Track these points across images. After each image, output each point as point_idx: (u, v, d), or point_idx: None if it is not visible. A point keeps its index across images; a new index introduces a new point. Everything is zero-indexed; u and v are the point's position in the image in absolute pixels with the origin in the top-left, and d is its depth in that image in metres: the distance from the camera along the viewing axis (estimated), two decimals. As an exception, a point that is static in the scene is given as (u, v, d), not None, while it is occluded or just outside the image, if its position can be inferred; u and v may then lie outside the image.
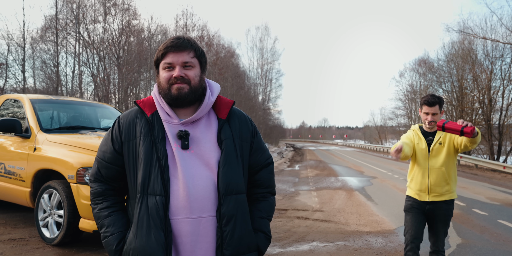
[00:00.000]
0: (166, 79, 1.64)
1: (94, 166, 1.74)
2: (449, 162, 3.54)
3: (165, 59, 1.64)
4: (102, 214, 1.68)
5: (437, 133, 3.55)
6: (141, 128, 1.64)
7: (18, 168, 5.22)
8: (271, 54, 51.36)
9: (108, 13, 22.49)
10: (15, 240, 4.81)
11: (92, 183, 1.73)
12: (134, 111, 1.71)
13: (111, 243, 1.64)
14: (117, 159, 1.67)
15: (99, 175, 1.71)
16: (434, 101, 3.43)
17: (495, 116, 28.33)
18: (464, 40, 30.08)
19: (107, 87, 21.61)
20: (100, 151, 1.72)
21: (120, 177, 1.70)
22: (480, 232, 6.44)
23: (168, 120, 1.65)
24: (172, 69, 1.64)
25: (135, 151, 1.63)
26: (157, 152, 1.59)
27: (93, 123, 6.23)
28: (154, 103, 1.69)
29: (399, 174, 16.46)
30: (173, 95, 1.63)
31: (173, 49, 1.63)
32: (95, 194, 1.71)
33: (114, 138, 1.68)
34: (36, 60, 22.76)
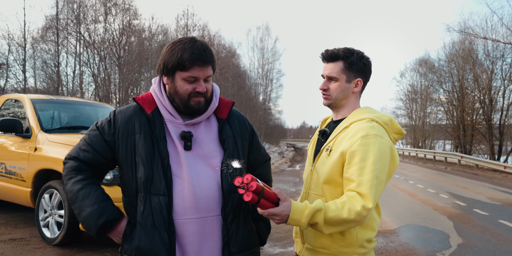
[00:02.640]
0: (188, 92, 1.60)
1: (76, 146, 1.68)
2: (336, 187, 1.75)
3: (190, 72, 1.57)
4: (75, 187, 1.60)
5: (338, 127, 1.85)
6: (140, 125, 1.61)
7: (18, 168, 5.23)
8: (272, 54, 51.37)
9: (108, 13, 22.51)
10: (16, 240, 4.82)
11: (67, 160, 1.68)
12: (132, 107, 1.68)
13: (91, 217, 1.56)
14: (105, 150, 1.64)
15: (78, 155, 1.65)
16: (333, 53, 1.83)
17: (495, 116, 28.35)
18: (465, 40, 30.11)
19: (108, 87, 21.62)
20: (90, 135, 1.67)
21: (99, 165, 1.66)
22: (480, 232, 6.43)
23: (172, 120, 1.64)
24: (194, 82, 1.60)
25: (133, 147, 1.60)
26: (159, 151, 1.57)
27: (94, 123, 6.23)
28: (154, 100, 1.66)
29: (399, 174, 16.45)
30: (193, 108, 1.62)
31: (200, 63, 1.57)
32: (69, 168, 1.65)
33: (107, 129, 1.64)
34: (36, 60, 22.80)
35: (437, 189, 11.81)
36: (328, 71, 1.84)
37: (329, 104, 1.89)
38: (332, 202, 1.62)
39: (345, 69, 1.82)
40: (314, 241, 1.78)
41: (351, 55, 1.82)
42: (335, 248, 1.73)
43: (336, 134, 1.80)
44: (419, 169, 20.01)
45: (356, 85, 1.85)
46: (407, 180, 14.02)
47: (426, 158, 29.74)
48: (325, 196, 1.76)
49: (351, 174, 1.64)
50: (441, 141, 43.40)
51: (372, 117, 1.78)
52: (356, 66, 1.82)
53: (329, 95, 1.86)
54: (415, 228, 6.65)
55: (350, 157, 1.66)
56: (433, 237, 6.07)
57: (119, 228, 1.61)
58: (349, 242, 1.72)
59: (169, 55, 1.58)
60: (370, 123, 1.75)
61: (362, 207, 1.57)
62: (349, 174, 1.65)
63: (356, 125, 1.75)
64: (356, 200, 1.59)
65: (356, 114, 1.83)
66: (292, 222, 1.57)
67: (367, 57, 1.87)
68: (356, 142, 1.67)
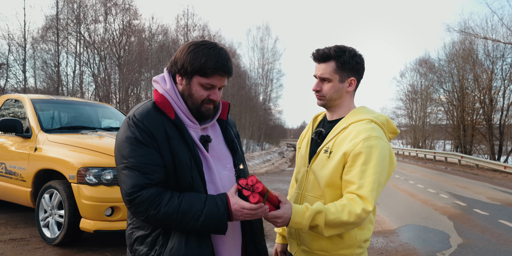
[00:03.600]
0: (202, 98, 1.60)
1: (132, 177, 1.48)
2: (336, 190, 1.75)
3: (210, 79, 1.56)
4: (174, 205, 1.46)
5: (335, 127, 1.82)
6: (170, 130, 1.56)
7: (19, 168, 5.23)
8: (272, 54, 51.32)
9: (108, 13, 22.51)
10: (16, 240, 4.82)
11: (138, 192, 1.47)
12: (152, 112, 1.57)
13: (214, 210, 1.47)
14: (161, 159, 1.52)
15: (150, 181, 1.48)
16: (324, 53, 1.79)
17: (496, 116, 28.35)
18: (465, 40, 30.11)
19: (108, 87, 21.62)
20: (136, 156, 1.49)
21: (165, 179, 1.53)
22: (481, 232, 6.43)
23: (192, 125, 1.63)
24: (210, 89, 1.59)
25: (171, 152, 1.53)
26: (194, 157, 1.56)
27: (94, 123, 6.23)
28: (171, 105, 1.60)
29: (399, 174, 16.45)
30: (203, 115, 1.63)
31: (221, 73, 1.57)
32: (150, 197, 1.46)
33: (147, 138, 1.51)
34: (37, 60, 22.81)
35: (437, 189, 11.81)
36: (321, 71, 1.79)
37: (323, 104, 1.85)
38: (332, 204, 1.61)
39: (338, 69, 1.77)
40: (312, 244, 1.76)
41: (343, 54, 1.76)
42: (334, 250, 1.72)
43: (334, 135, 1.77)
44: (419, 169, 20.01)
45: (350, 85, 1.82)
46: (407, 180, 14.02)
47: (426, 158, 29.74)
48: (325, 198, 1.74)
49: (352, 176, 1.64)
50: (441, 141, 43.40)
51: (371, 118, 1.77)
52: (349, 65, 1.77)
53: (322, 95, 1.82)
54: (415, 228, 6.65)
55: (353, 160, 1.65)
56: (433, 237, 6.07)
57: (233, 200, 1.50)
58: (349, 243, 1.72)
59: (191, 57, 1.55)
60: (370, 124, 1.73)
61: (362, 210, 1.58)
62: (350, 177, 1.65)
63: (356, 126, 1.73)
64: (356, 203, 1.59)
65: (354, 114, 1.81)
66: (293, 225, 1.57)
67: (359, 55, 1.82)
68: (359, 144, 1.65)
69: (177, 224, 1.47)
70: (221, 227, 1.48)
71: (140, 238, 1.57)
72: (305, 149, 1.92)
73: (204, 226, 1.47)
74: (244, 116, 36.92)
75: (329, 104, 1.84)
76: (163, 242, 1.52)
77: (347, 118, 1.81)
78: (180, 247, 1.49)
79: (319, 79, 1.81)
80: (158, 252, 1.51)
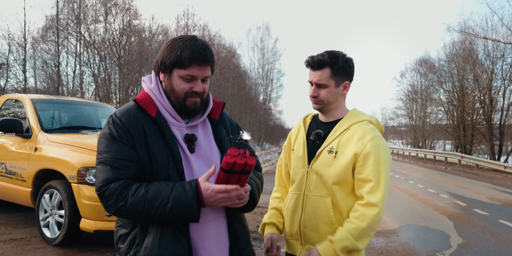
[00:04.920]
0: (184, 91, 1.56)
1: (103, 171, 1.48)
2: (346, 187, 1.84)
3: (189, 70, 1.54)
4: (141, 194, 1.43)
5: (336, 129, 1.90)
6: (149, 127, 1.54)
7: (19, 168, 5.23)
8: (272, 54, 51.29)
9: (109, 13, 22.52)
10: (16, 240, 4.82)
11: (107, 185, 1.46)
12: (133, 109, 1.58)
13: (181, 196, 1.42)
14: (135, 155, 1.50)
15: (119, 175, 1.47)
16: (320, 61, 1.84)
17: (496, 116, 28.34)
18: (465, 40, 30.10)
19: (108, 87, 21.63)
20: (113, 151, 1.49)
21: (139, 175, 1.51)
22: (481, 232, 6.43)
23: (175, 123, 1.60)
24: (192, 81, 1.56)
25: (147, 149, 1.51)
26: (172, 155, 1.53)
27: (94, 123, 6.23)
28: (154, 102, 1.59)
29: (399, 174, 16.46)
30: (188, 108, 1.59)
31: (199, 63, 1.54)
32: (117, 189, 1.45)
33: (123, 134, 1.51)
34: (37, 60, 22.82)
35: (438, 189, 11.81)
36: (317, 78, 1.86)
37: (319, 108, 1.93)
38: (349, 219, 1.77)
39: (333, 74, 1.85)
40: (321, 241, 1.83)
41: (337, 60, 1.84)
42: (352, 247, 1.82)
43: (336, 136, 1.87)
44: (419, 169, 20.01)
45: (345, 88, 1.92)
46: (407, 180, 14.02)
47: (427, 158, 29.74)
48: (334, 196, 1.83)
49: (368, 174, 1.77)
50: (441, 141, 43.38)
51: (369, 119, 1.92)
52: (343, 70, 1.86)
53: (320, 100, 1.90)
54: (416, 228, 6.65)
55: (365, 159, 1.78)
56: (433, 237, 6.07)
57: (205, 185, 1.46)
58: None
59: (168, 51, 1.55)
60: (370, 125, 1.88)
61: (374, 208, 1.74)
62: (366, 175, 1.77)
63: (358, 127, 1.85)
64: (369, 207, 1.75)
65: (352, 116, 1.92)
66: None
67: (351, 59, 1.91)
68: (368, 144, 1.79)
69: (146, 214, 1.43)
70: (192, 213, 1.42)
71: (122, 237, 1.55)
72: (302, 150, 1.96)
73: (173, 213, 1.42)
74: (244, 116, 36.91)
75: (325, 108, 1.93)
76: (139, 240, 1.49)
77: (346, 119, 1.91)
78: (154, 246, 1.46)
79: (316, 85, 1.89)
80: (134, 250, 1.49)
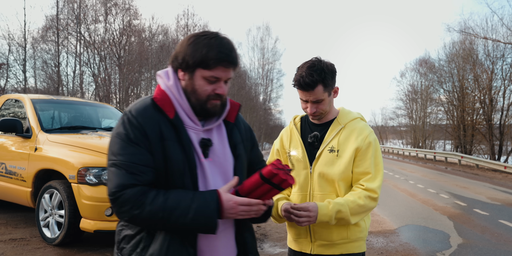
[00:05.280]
0: (207, 93, 1.46)
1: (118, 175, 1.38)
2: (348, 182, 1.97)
3: (214, 71, 1.44)
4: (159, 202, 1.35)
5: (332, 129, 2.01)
6: (166, 129, 1.43)
7: (19, 168, 5.23)
8: (272, 54, 51.34)
9: (109, 13, 22.52)
10: (16, 240, 4.82)
11: (121, 191, 1.38)
12: (149, 109, 1.45)
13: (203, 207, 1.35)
14: (152, 160, 1.41)
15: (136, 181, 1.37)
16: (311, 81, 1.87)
17: (496, 116, 28.36)
18: (465, 40, 30.11)
19: (108, 87, 21.64)
20: (125, 154, 1.39)
21: (154, 181, 1.42)
22: (481, 232, 6.43)
23: (193, 126, 1.49)
24: (215, 83, 1.46)
25: (163, 153, 1.41)
26: (188, 161, 1.43)
27: (94, 123, 6.24)
28: (171, 102, 1.47)
29: (400, 174, 16.46)
30: (209, 112, 1.50)
31: (226, 64, 1.44)
32: (133, 197, 1.36)
33: (140, 136, 1.41)
34: (37, 60, 22.83)
35: (438, 189, 11.81)
36: (313, 97, 1.92)
37: (320, 118, 2.03)
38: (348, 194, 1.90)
39: (325, 88, 1.92)
40: (331, 236, 1.95)
41: (325, 75, 1.89)
42: (353, 235, 1.97)
43: (334, 135, 1.98)
44: (419, 169, 20.01)
45: (335, 92, 2.02)
46: (407, 180, 14.02)
47: (427, 158, 29.73)
48: (340, 191, 1.95)
49: (366, 167, 1.92)
50: (441, 141, 43.40)
51: (359, 116, 2.07)
52: (331, 80, 1.93)
53: (319, 113, 1.99)
54: (416, 228, 6.66)
55: (366, 153, 1.93)
56: (433, 237, 6.07)
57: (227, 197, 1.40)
58: (363, 227, 2.00)
59: (191, 49, 1.44)
60: (362, 121, 2.05)
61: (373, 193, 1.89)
62: (364, 168, 1.92)
63: (353, 125, 2.00)
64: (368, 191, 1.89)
65: (344, 115, 2.04)
66: (322, 217, 1.82)
67: (331, 64, 1.96)
68: (366, 140, 1.94)
69: (164, 223, 1.36)
70: (211, 225, 1.37)
71: (127, 238, 1.48)
72: (301, 152, 2.03)
73: (192, 224, 1.36)
74: (244, 116, 36.95)
75: (323, 115, 2.03)
76: (145, 245, 1.42)
77: (340, 119, 2.03)
78: (160, 254, 1.39)
79: (312, 103, 1.95)
80: (139, 254, 1.42)
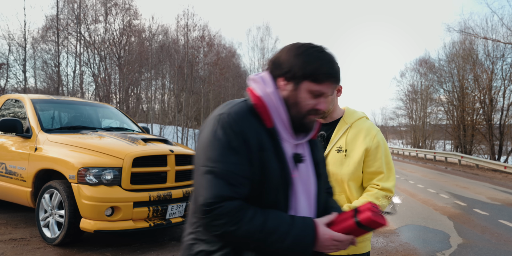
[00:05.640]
0: (308, 107, 1.38)
1: (214, 184, 1.26)
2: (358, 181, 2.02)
3: (322, 86, 1.36)
4: (258, 223, 1.25)
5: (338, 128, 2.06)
6: (265, 140, 1.33)
7: (19, 168, 5.23)
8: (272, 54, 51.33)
9: (109, 13, 22.53)
10: (16, 240, 4.82)
11: (219, 203, 1.25)
12: (248, 114, 1.35)
13: (302, 235, 1.27)
14: (250, 172, 1.29)
15: (235, 193, 1.26)
16: None
17: (496, 116, 28.34)
18: (465, 40, 30.10)
19: (108, 87, 21.64)
20: (226, 162, 1.27)
21: (249, 196, 1.31)
22: (481, 232, 6.43)
23: (288, 139, 1.39)
24: (318, 97, 1.39)
25: (260, 168, 1.30)
26: (284, 175, 1.33)
27: (94, 123, 6.24)
28: (269, 111, 1.37)
29: (399, 174, 16.45)
30: (305, 126, 1.41)
31: (334, 80, 1.38)
32: (231, 212, 1.24)
33: (242, 144, 1.29)
34: (37, 60, 22.84)
35: (438, 189, 11.81)
36: None
37: (323, 117, 2.05)
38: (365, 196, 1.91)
39: None
40: None
41: None
42: None
43: (341, 135, 2.00)
44: (419, 169, 20.01)
45: (338, 91, 2.03)
46: (407, 180, 14.02)
47: (426, 158, 29.73)
48: (350, 191, 1.95)
49: (378, 167, 1.94)
50: (441, 141, 43.39)
51: (365, 116, 2.08)
52: None
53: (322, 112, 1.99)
54: (416, 228, 6.66)
55: (376, 152, 1.95)
56: (433, 237, 6.07)
57: (324, 230, 1.33)
58: None
59: (302, 60, 1.35)
60: (368, 121, 2.06)
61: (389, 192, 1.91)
62: (376, 168, 1.94)
63: (360, 124, 2.01)
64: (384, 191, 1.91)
65: (350, 114, 2.06)
66: None
67: None
68: (375, 139, 1.96)
69: (258, 245, 1.27)
70: (306, 255, 1.29)
71: (203, 253, 1.34)
72: None
73: (287, 251, 1.27)
74: (244, 116, 36.84)
75: (326, 115, 2.05)
76: None
77: (346, 118, 2.04)
78: None
79: None
80: None
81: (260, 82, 1.43)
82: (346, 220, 1.34)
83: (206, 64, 25.35)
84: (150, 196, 4.52)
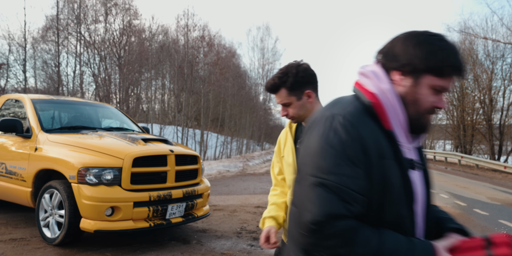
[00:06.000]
0: (429, 105, 1.21)
1: (325, 199, 1.09)
2: None
3: (445, 80, 1.19)
4: (373, 246, 1.09)
5: None
6: (385, 145, 1.16)
7: (19, 168, 5.23)
8: (272, 54, 51.34)
9: (109, 13, 22.54)
10: (16, 240, 4.82)
11: (328, 221, 1.08)
12: (364, 116, 1.18)
13: None
14: (367, 187, 1.12)
15: (348, 211, 1.09)
16: (273, 86, 1.94)
17: (496, 116, 28.37)
18: (465, 40, 30.08)
19: (108, 87, 21.64)
20: (340, 174, 1.10)
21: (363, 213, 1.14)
22: (481, 232, 6.43)
23: (405, 143, 1.22)
24: (438, 94, 1.21)
25: (381, 179, 1.14)
26: (409, 187, 1.18)
27: (94, 123, 6.24)
28: (385, 110, 1.19)
29: (400, 174, 16.46)
30: (423, 127, 1.24)
31: (459, 74, 1.21)
32: (343, 231, 1.08)
33: (360, 154, 1.12)
34: (37, 60, 22.85)
35: (437, 189, 11.81)
36: (279, 100, 1.95)
37: (297, 121, 2.00)
38: None
39: (290, 92, 1.91)
40: None
41: (286, 78, 1.89)
42: None
43: None
44: (419, 169, 20.00)
45: (309, 97, 1.94)
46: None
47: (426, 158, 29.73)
48: None
49: None
50: (441, 141, 43.40)
51: None
52: (297, 84, 1.90)
53: (292, 117, 1.97)
54: (415, 228, 6.65)
55: None
56: (433, 237, 6.07)
57: None
58: None
59: (425, 51, 1.17)
60: None
61: None
62: None
63: None
64: None
65: None
66: None
67: (302, 69, 1.91)
68: None
69: None
70: None
71: None
72: (291, 158, 1.99)
73: None
74: (244, 116, 36.91)
75: (301, 119, 1.98)
76: None
77: None
78: None
79: (282, 105, 1.97)
80: None
81: (371, 77, 1.24)
82: (474, 250, 1.15)
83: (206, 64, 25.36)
84: (150, 196, 4.53)
